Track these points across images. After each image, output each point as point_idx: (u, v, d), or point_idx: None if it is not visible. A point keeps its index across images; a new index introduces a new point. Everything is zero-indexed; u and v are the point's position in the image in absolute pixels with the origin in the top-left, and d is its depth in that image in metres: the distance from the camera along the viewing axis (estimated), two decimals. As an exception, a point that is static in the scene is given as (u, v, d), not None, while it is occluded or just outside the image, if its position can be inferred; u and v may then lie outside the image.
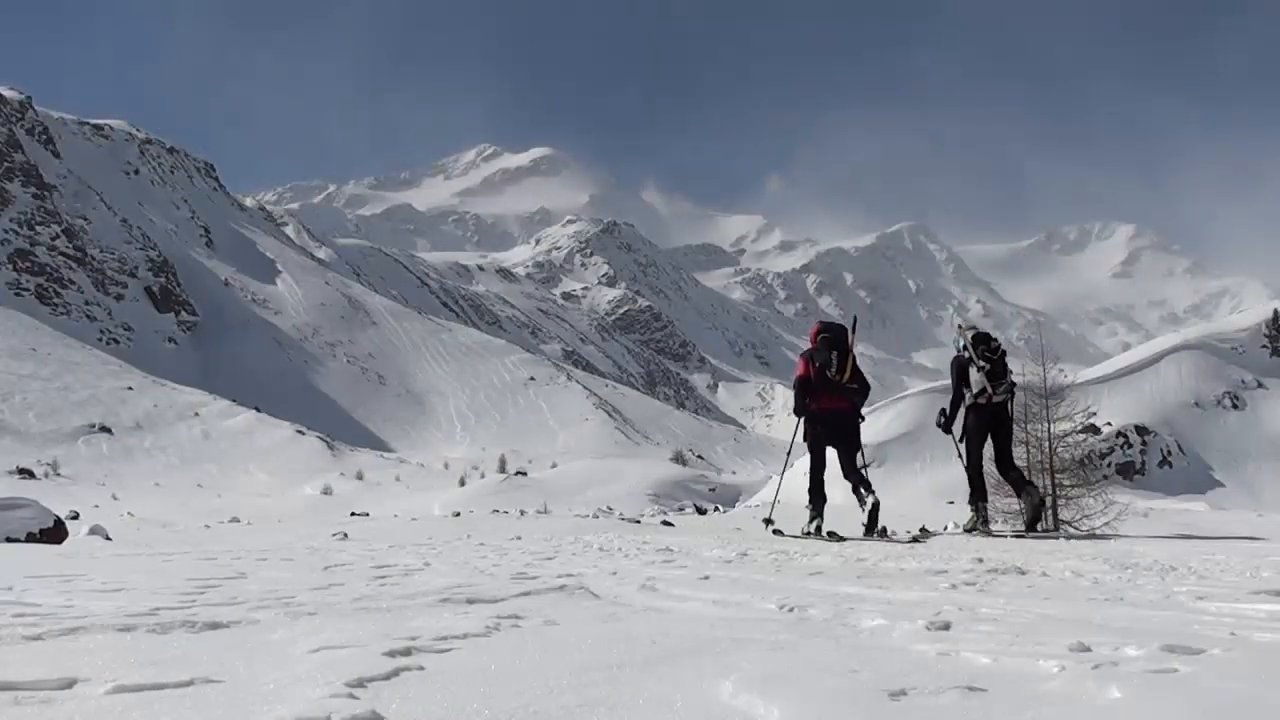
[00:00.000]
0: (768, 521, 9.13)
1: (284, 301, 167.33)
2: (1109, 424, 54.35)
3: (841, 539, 7.80)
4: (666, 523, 18.30)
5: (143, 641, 2.74)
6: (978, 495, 9.08)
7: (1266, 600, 3.50)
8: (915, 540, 7.76)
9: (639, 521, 19.06)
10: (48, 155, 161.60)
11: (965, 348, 9.01)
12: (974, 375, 8.89)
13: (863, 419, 8.65)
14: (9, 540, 9.89)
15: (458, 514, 28.38)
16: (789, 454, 9.93)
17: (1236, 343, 65.17)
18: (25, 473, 63.43)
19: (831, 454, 8.49)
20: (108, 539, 12.33)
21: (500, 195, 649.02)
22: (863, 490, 8.17)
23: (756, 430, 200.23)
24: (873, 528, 8.06)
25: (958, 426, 9.19)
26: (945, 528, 10.97)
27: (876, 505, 8.07)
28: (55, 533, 11.11)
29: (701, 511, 38.62)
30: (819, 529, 8.28)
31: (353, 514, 31.11)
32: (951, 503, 10.37)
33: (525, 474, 67.36)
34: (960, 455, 9.28)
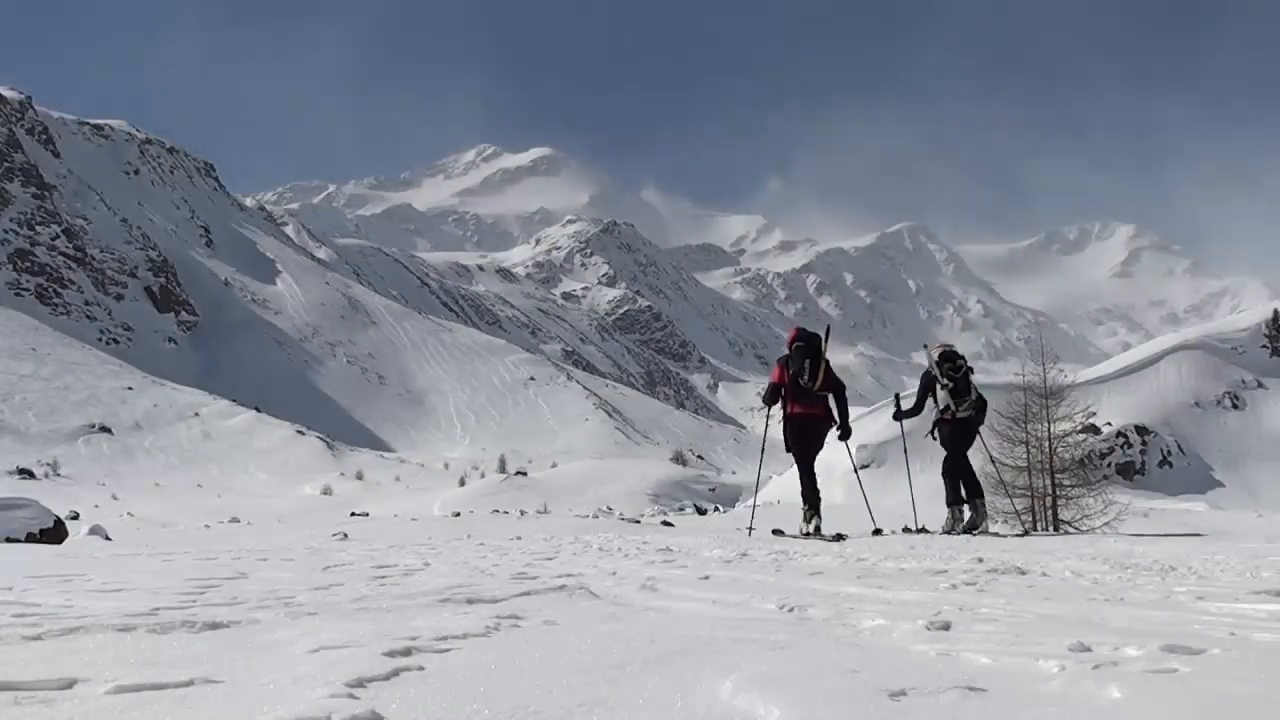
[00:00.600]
0: (750, 529, 9.50)
1: (284, 301, 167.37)
2: (1109, 424, 54.34)
3: (842, 538, 7.83)
4: (666, 523, 18.30)
5: (143, 641, 2.74)
6: (973, 493, 9.38)
7: (1266, 600, 3.50)
8: (838, 537, 8.02)
9: (639, 521, 19.06)
10: (48, 155, 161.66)
11: (933, 365, 9.47)
12: (940, 392, 9.35)
13: (848, 433, 8.86)
14: (9, 540, 9.90)
15: (457, 514, 28.40)
16: (762, 453, 10.16)
17: (1236, 343, 65.13)
18: (25, 473, 63.42)
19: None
20: (108, 539, 12.34)
21: (500, 195, 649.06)
22: (813, 504, 8.52)
23: (756, 430, 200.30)
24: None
25: (915, 423, 9.89)
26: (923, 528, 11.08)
27: (817, 530, 8.36)
28: (55, 533, 11.13)
29: (701, 511, 38.61)
30: (817, 529, 8.41)
31: (353, 514, 31.13)
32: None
33: (525, 474, 67.33)
34: (915, 460, 10.31)
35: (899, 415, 9.84)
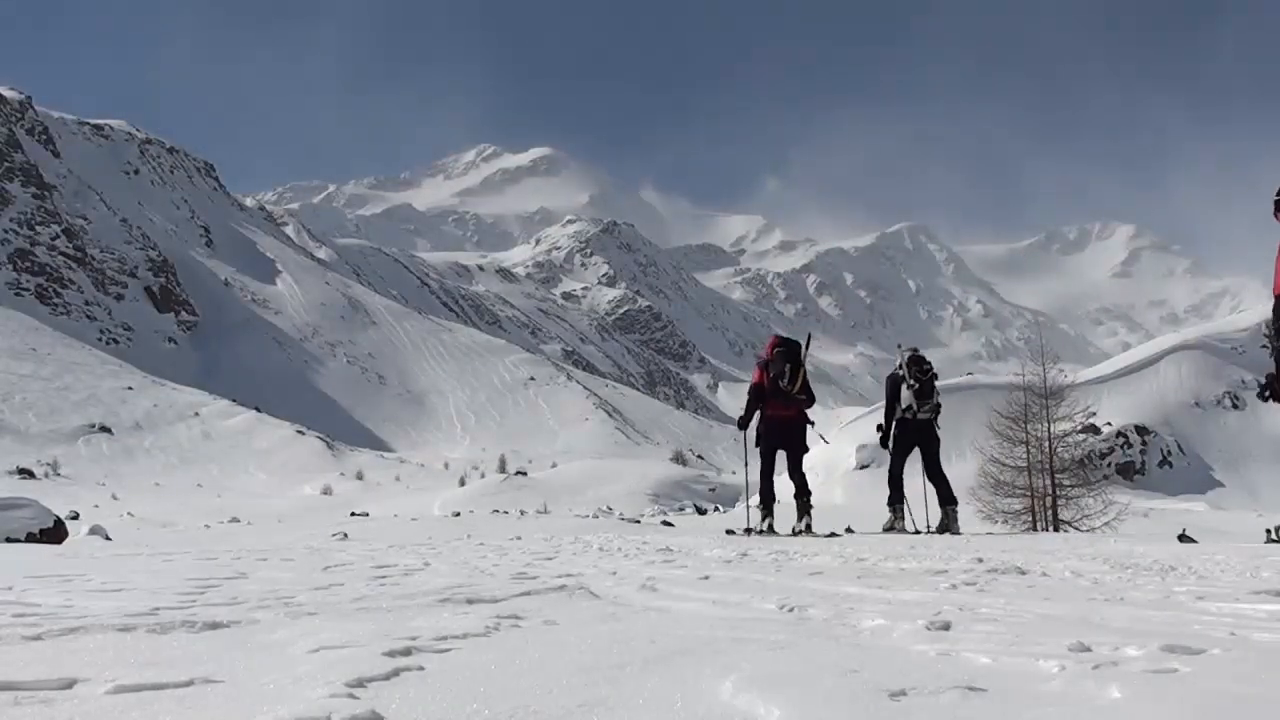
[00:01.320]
0: (748, 530, 9.69)
1: (284, 301, 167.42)
2: (1109, 424, 54.36)
3: (836, 536, 7.94)
4: (666, 523, 18.32)
5: (143, 641, 2.73)
6: (896, 498, 9.77)
7: (1266, 600, 3.50)
8: (832, 535, 8.38)
9: (639, 521, 19.07)
10: (48, 155, 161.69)
11: (901, 366, 9.76)
12: (904, 392, 9.67)
13: (812, 424, 9.29)
14: (9, 540, 9.90)
15: (458, 514, 28.43)
16: (746, 463, 10.26)
17: (1236, 343, 65.17)
18: (25, 473, 63.44)
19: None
20: (108, 539, 12.35)
21: (500, 195, 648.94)
22: (804, 498, 8.90)
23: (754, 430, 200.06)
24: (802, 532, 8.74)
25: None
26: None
27: (809, 527, 8.75)
28: (55, 533, 11.13)
29: (701, 511, 38.63)
30: (770, 527, 8.93)
31: (353, 514, 31.15)
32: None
33: (525, 474, 67.37)
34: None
35: (885, 439, 10.05)
